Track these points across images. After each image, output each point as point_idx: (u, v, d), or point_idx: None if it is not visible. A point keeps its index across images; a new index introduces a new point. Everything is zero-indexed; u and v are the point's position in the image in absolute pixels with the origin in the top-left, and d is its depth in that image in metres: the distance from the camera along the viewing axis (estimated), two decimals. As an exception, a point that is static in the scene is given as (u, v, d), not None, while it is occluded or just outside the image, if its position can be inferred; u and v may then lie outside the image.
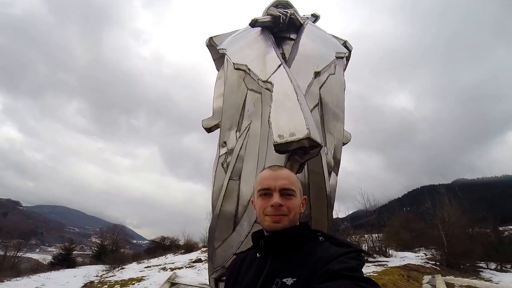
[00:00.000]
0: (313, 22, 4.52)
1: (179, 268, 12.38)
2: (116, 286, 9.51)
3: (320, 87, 3.43)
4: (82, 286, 11.25)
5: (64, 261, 21.59)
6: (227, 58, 3.81)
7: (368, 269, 10.77)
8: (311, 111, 3.21)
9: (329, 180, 3.49)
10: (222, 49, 3.90)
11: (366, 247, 15.53)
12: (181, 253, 19.59)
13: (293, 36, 3.93)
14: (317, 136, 2.39)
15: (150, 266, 14.20)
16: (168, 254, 19.93)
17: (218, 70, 4.78)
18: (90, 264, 21.02)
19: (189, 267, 12.80)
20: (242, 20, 3.95)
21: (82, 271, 15.01)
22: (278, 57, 3.29)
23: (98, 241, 31.08)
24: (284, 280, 0.95)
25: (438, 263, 13.85)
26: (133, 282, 9.71)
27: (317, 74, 3.36)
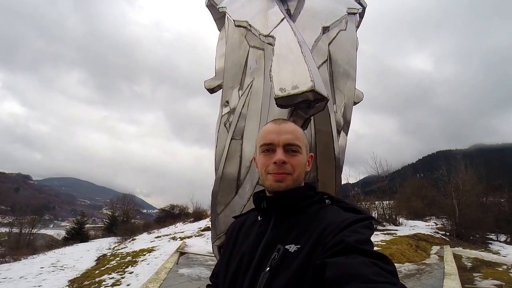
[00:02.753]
0: None
1: (188, 237, 12.89)
2: (128, 257, 9.99)
3: (329, 43, 3.29)
4: (96, 260, 11.84)
5: (77, 236, 22.67)
6: (227, 17, 3.69)
7: (377, 238, 10.92)
8: (319, 67, 3.11)
9: (337, 140, 3.43)
10: (222, 7, 3.76)
11: (376, 214, 15.65)
12: (190, 222, 20.26)
13: None
14: (322, 89, 2.32)
15: (160, 236, 14.79)
16: (178, 223, 20.59)
17: (219, 31, 4.67)
18: (103, 237, 22.00)
19: (198, 235, 13.31)
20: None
21: (95, 245, 15.75)
22: (281, 11, 3.15)
23: (109, 213, 32.36)
24: (287, 246, 0.87)
25: (447, 233, 14.03)
26: (144, 253, 10.16)
27: (325, 29, 3.21)
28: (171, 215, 26.27)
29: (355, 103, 3.85)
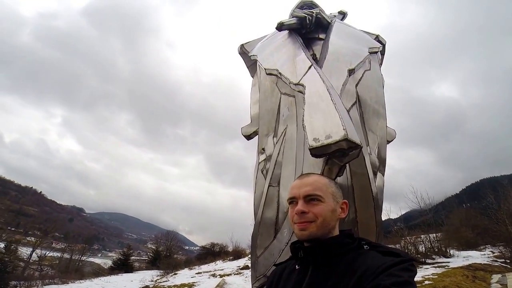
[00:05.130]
0: (341, 20, 4.37)
1: (227, 275, 12.67)
2: None
3: (356, 85, 3.25)
4: None
5: (123, 266, 23.31)
6: (259, 64, 3.80)
7: (427, 272, 9.99)
8: (349, 110, 3.05)
9: (375, 181, 3.30)
10: (253, 55, 3.89)
11: (423, 248, 14.44)
12: (229, 260, 20.04)
13: (322, 36, 3.80)
14: (355, 137, 2.25)
15: (200, 272, 14.72)
16: (218, 261, 20.52)
17: (252, 77, 4.82)
18: (146, 269, 22.40)
19: (237, 274, 13.00)
20: (273, 24, 3.93)
21: (139, 276, 16.00)
22: (308, 58, 3.20)
23: (153, 247, 33.11)
24: None
25: (508, 261, 12.46)
26: (185, 288, 10.09)
27: (351, 71, 3.19)
28: (211, 253, 26.39)
29: (388, 142, 3.69)
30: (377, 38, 4.08)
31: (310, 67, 2.88)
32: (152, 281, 14.05)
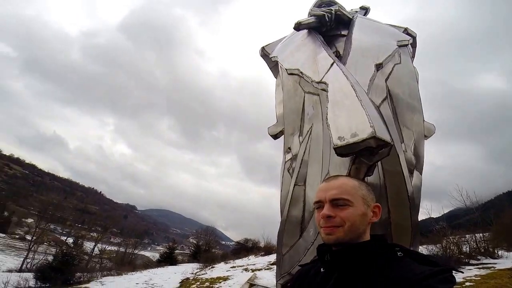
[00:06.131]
0: (363, 15, 4.10)
1: (258, 270, 12.63)
2: (206, 283, 10.33)
3: (386, 79, 2.99)
4: (180, 282, 12.52)
5: (168, 259, 24.28)
6: (280, 65, 3.70)
7: (469, 273, 9.03)
8: (379, 105, 2.81)
9: (410, 180, 3.00)
10: (274, 56, 3.79)
11: (468, 248, 13.10)
12: (261, 255, 20.01)
13: (344, 32, 3.59)
14: (384, 134, 2.00)
15: (235, 266, 14.89)
16: (251, 256, 20.55)
17: (276, 78, 4.73)
18: (188, 262, 23.15)
19: (267, 269, 12.95)
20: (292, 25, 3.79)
21: (181, 269, 16.65)
22: (330, 55, 3.01)
23: (194, 242, 34.38)
24: None
25: None
26: (220, 281, 10.38)
27: (379, 66, 2.93)
28: (245, 248, 26.59)
29: (426, 137, 3.33)
30: (406, 31, 3.79)
31: (332, 64, 2.68)
32: (192, 273, 14.58)
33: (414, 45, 3.78)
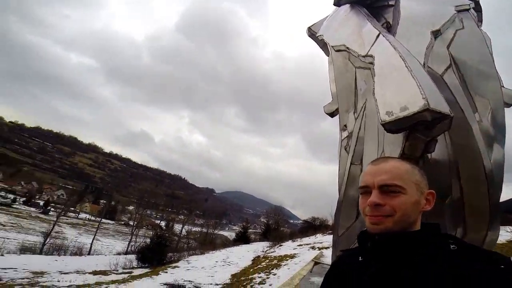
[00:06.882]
0: None
1: (325, 248, 12.47)
2: (275, 261, 10.66)
3: (448, 46, 2.61)
4: (252, 260, 13.24)
5: (242, 238, 25.78)
6: (327, 43, 3.54)
7: None
8: (442, 74, 2.47)
9: (489, 153, 2.56)
10: (320, 35, 3.65)
11: None
12: (328, 233, 19.64)
13: (392, 2, 3.25)
14: (441, 105, 1.75)
15: (302, 245, 15.02)
16: (318, 234, 20.37)
17: (327, 56, 4.54)
18: (259, 241, 24.23)
19: (334, 247, 12.66)
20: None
21: (253, 247, 17.62)
22: (375, 27, 2.76)
23: (264, 221, 35.88)
24: None
25: None
26: (287, 259, 10.58)
27: (436, 33, 2.57)
28: (312, 226, 26.41)
29: (507, 105, 2.79)
30: None
31: (378, 36, 2.46)
32: (262, 251, 15.22)
33: (478, 9, 3.26)
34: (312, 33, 4.07)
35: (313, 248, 13.11)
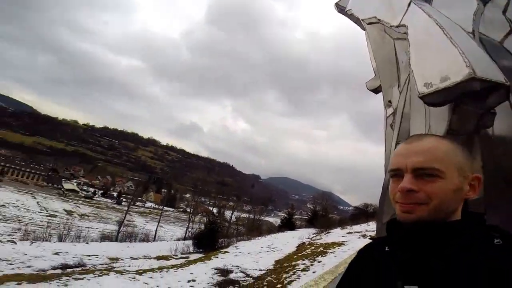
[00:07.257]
0: None
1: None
2: (320, 248, 10.45)
3: (504, 12, 2.21)
4: (296, 246, 13.15)
5: (287, 224, 25.57)
6: (358, 17, 3.29)
7: None
8: (502, 41, 2.09)
9: None
10: (349, 10, 3.40)
11: None
12: (381, 221, 18.54)
13: None
14: (491, 72, 1.48)
15: (352, 232, 14.40)
16: (371, 222, 19.00)
17: (364, 30, 4.19)
18: (305, 228, 23.82)
19: (387, 236, 11.96)
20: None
21: (298, 234, 17.50)
22: None
23: (311, 207, 35.44)
24: None
25: None
26: (334, 246, 10.28)
27: None
28: (364, 213, 24.77)
29: None
30: None
31: (409, 4, 2.18)
32: (308, 238, 14.98)
33: None
34: (341, 8, 3.80)
35: (364, 236, 12.44)
